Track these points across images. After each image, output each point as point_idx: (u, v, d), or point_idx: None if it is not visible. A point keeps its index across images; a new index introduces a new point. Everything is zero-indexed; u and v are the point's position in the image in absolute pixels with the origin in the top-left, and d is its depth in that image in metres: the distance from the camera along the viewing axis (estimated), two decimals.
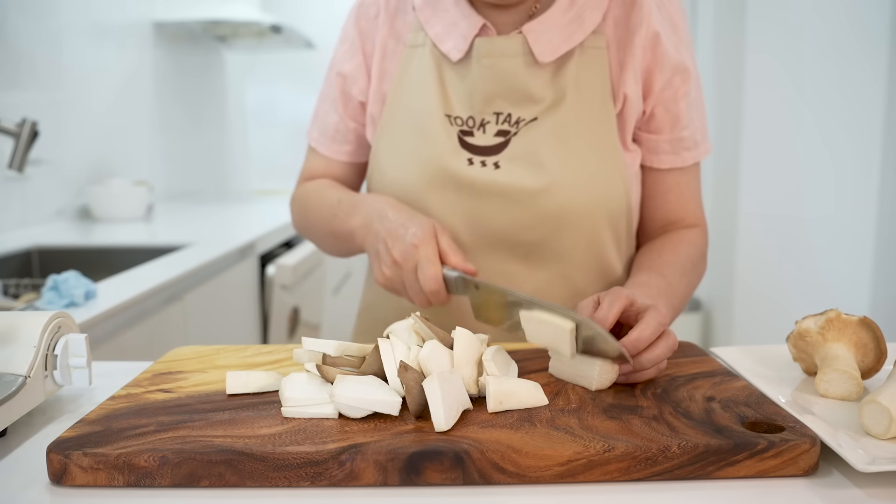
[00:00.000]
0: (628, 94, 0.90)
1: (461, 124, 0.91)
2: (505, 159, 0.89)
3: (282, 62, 4.02)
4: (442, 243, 0.83)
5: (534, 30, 0.89)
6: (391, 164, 0.94)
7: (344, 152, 1.03)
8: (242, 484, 0.54)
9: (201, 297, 1.63)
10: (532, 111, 0.89)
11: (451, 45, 0.91)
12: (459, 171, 0.89)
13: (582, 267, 0.92)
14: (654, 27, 0.90)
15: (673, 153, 0.95)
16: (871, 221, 2.90)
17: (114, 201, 2.29)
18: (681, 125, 0.94)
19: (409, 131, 0.93)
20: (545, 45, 0.88)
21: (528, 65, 0.89)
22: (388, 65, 0.96)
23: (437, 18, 0.93)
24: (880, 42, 2.80)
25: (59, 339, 0.69)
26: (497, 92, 0.90)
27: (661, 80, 0.91)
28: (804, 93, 2.92)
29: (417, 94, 0.93)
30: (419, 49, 0.94)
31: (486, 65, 0.89)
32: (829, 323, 0.72)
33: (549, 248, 0.91)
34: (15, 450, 0.62)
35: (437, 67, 0.93)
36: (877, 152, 2.87)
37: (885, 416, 0.58)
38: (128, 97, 2.69)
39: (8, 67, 1.97)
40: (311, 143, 1.05)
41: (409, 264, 0.81)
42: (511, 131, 0.90)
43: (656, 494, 0.54)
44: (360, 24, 0.98)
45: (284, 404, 0.62)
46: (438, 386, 0.59)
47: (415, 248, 0.81)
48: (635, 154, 0.94)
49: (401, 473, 0.54)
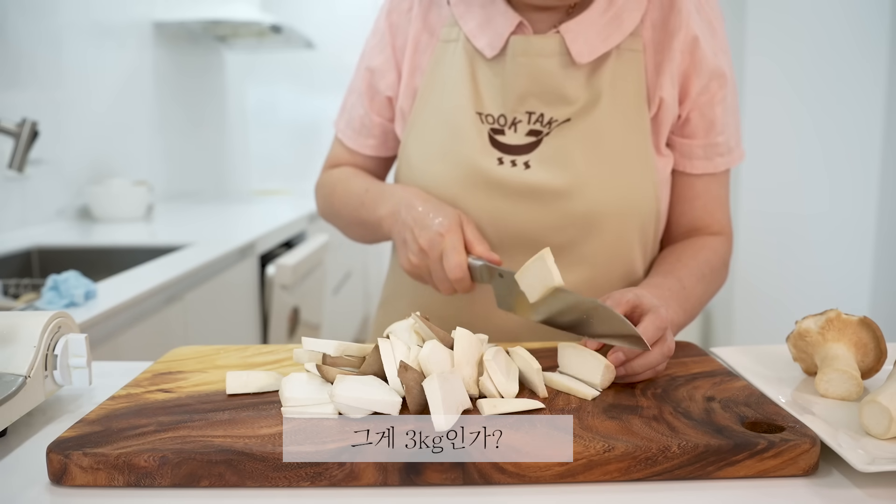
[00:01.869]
0: (665, 98, 0.89)
1: (492, 122, 0.90)
2: (535, 160, 0.88)
3: (282, 62, 4.03)
4: (468, 233, 0.84)
5: (571, 30, 0.87)
6: (420, 159, 0.93)
7: (368, 146, 1.03)
8: (242, 484, 0.54)
9: (201, 297, 1.63)
10: (565, 112, 0.88)
11: (486, 42, 0.90)
12: (489, 171, 0.89)
13: (607, 270, 0.91)
14: (694, 31, 0.88)
15: (706, 158, 0.93)
16: (871, 220, 2.90)
17: (114, 201, 2.29)
18: (716, 131, 0.92)
19: (440, 128, 0.92)
20: (582, 46, 0.87)
21: (564, 65, 0.88)
22: (420, 59, 0.95)
23: (472, 14, 0.91)
24: (880, 42, 2.80)
25: (59, 339, 0.69)
26: (531, 91, 0.88)
27: (699, 84, 0.90)
28: (804, 93, 2.92)
29: (449, 90, 0.92)
30: (452, 44, 0.93)
31: (522, 63, 0.88)
32: (829, 323, 0.72)
33: (576, 251, 0.90)
34: (15, 450, 0.62)
35: (470, 63, 0.91)
36: (876, 151, 2.87)
37: (885, 416, 0.58)
38: (128, 97, 2.69)
39: (8, 67, 1.97)
40: (338, 134, 1.05)
41: (435, 252, 0.83)
42: (543, 131, 0.89)
43: (656, 494, 0.54)
44: (392, 17, 0.97)
45: (284, 404, 0.62)
46: (438, 386, 0.59)
47: (441, 236, 0.83)
48: (668, 159, 0.93)
49: (401, 473, 0.54)
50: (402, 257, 0.87)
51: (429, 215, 0.85)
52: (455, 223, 0.84)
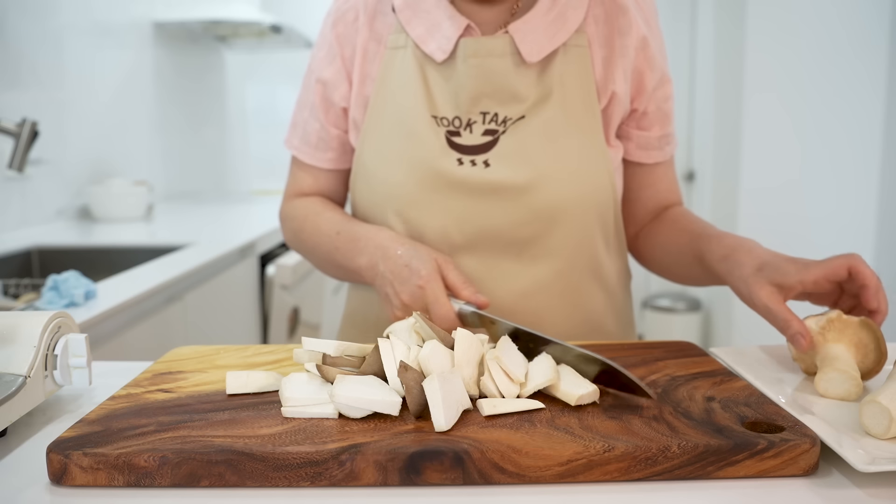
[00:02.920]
0: (617, 92, 0.93)
1: (447, 125, 0.91)
2: (494, 158, 0.90)
3: (282, 62, 4.02)
4: (449, 277, 0.84)
5: (520, 29, 0.90)
6: (378, 167, 0.94)
7: (327, 159, 1.02)
8: (242, 484, 0.54)
9: (201, 297, 1.64)
10: (519, 110, 0.90)
11: (435, 46, 0.91)
12: (450, 172, 0.90)
13: (573, 261, 0.94)
14: (643, 31, 0.93)
15: (659, 149, 1.00)
16: (871, 220, 2.89)
17: (114, 201, 2.29)
18: (669, 122, 0.99)
19: (396, 134, 0.93)
20: (532, 45, 0.89)
21: (515, 64, 0.90)
22: (369, 68, 0.96)
23: (419, 19, 0.93)
24: (880, 42, 2.79)
25: (59, 339, 0.69)
26: (484, 91, 0.90)
27: (653, 80, 0.95)
28: (804, 93, 2.92)
29: (402, 97, 0.93)
30: (401, 51, 0.94)
31: (473, 64, 0.90)
32: (829, 323, 0.72)
33: (541, 244, 0.92)
34: (15, 450, 0.62)
35: (421, 69, 0.92)
36: (877, 151, 2.86)
37: (885, 416, 0.58)
38: (128, 97, 2.69)
39: (8, 67, 1.97)
40: (293, 152, 1.04)
41: (419, 306, 0.82)
42: (499, 130, 0.90)
43: (656, 494, 0.54)
44: (338, 28, 0.97)
45: (284, 404, 0.62)
46: (438, 386, 0.59)
47: (421, 289, 0.82)
48: (618, 149, 0.97)
49: (401, 473, 0.54)
50: (389, 312, 0.87)
51: (406, 266, 0.84)
52: (433, 271, 0.83)
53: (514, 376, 0.65)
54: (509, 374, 0.65)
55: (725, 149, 3.28)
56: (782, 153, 2.99)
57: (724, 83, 3.28)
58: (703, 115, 3.62)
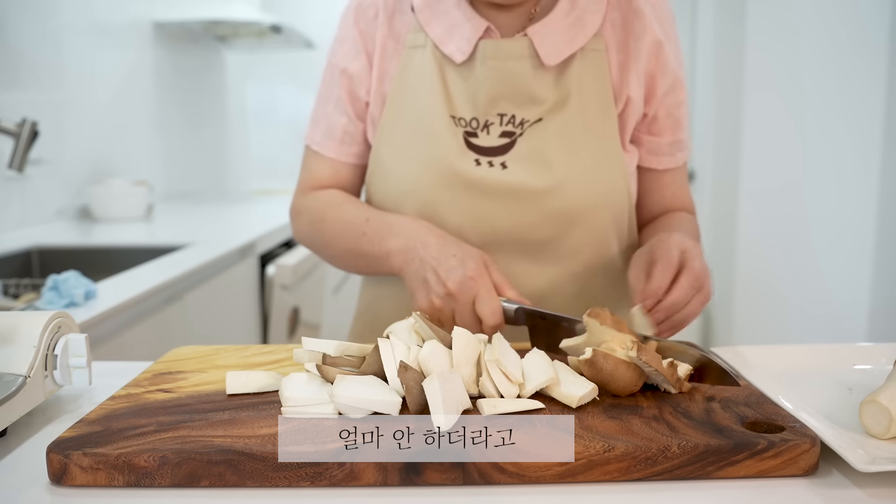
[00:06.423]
0: (631, 97, 0.93)
1: (465, 125, 0.91)
2: (512, 160, 0.90)
3: (282, 62, 4.02)
4: (495, 275, 0.84)
5: (538, 32, 0.90)
6: (396, 164, 0.94)
7: (353, 154, 1.01)
8: (242, 484, 0.54)
9: (201, 297, 1.63)
10: (536, 112, 0.91)
11: (455, 47, 0.91)
12: (468, 172, 0.90)
13: (588, 264, 0.94)
14: (658, 35, 0.93)
15: (670, 155, 0.99)
16: (871, 221, 2.89)
17: (114, 201, 2.29)
18: (681, 128, 0.98)
19: (414, 132, 0.93)
20: (550, 48, 0.89)
21: (533, 67, 0.90)
22: (387, 65, 0.96)
23: (438, 20, 0.93)
24: (880, 41, 2.80)
25: (59, 339, 0.69)
26: (502, 94, 0.90)
27: (665, 85, 0.94)
28: (804, 92, 2.92)
29: (420, 96, 0.93)
30: (419, 50, 0.94)
31: (493, 66, 0.90)
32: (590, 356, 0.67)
33: (556, 247, 0.92)
34: (15, 450, 0.62)
35: (440, 69, 0.92)
36: (877, 151, 2.86)
37: (885, 416, 0.58)
38: (128, 97, 2.69)
39: (8, 67, 1.97)
40: (315, 147, 1.01)
41: (466, 296, 0.82)
42: (516, 132, 0.91)
43: (656, 494, 0.54)
44: (360, 24, 0.97)
45: (284, 404, 0.62)
46: (438, 386, 0.59)
47: (472, 280, 0.82)
48: (633, 154, 0.97)
49: (401, 473, 0.54)
50: (423, 298, 0.85)
51: (453, 256, 0.84)
52: (482, 266, 0.83)
53: (514, 378, 0.65)
54: (509, 377, 0.65)
55: (725, 149, 3.28)
56: (782, 153, 2.98)
57: (724, 83, 3.28)
58: (703, 114, 3.63)
